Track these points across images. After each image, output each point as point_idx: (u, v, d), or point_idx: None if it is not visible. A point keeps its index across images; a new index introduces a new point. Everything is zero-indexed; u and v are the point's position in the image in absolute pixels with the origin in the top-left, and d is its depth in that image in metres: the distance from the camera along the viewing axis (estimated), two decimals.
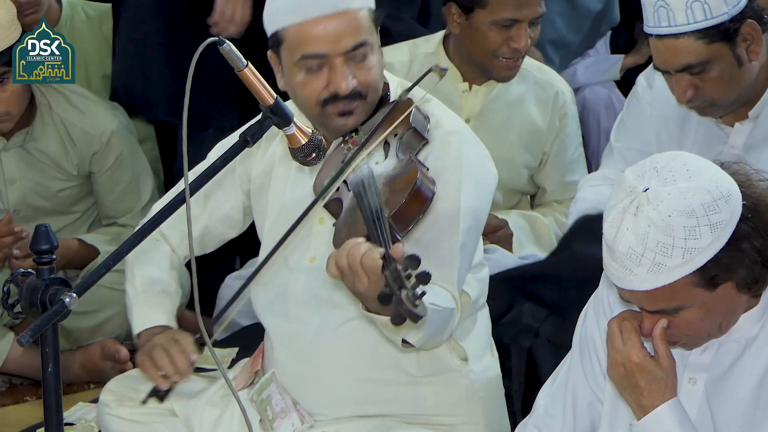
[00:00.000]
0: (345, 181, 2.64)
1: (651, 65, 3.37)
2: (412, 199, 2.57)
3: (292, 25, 2.70)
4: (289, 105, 2.55)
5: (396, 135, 2.69)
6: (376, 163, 2.66)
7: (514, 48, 3.68)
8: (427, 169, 2.67)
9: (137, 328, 2.95)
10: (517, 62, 3.73)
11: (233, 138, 2.87)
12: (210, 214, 3.02)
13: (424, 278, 2.27)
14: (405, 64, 3.82)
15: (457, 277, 2.73)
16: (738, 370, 2.32)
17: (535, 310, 3.33)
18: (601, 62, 5.01)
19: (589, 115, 4.93)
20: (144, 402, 2.93)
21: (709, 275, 2.17)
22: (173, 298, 3.01)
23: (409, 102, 2.74)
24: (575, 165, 3.97)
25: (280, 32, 2.73)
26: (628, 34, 5.05)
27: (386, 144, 2.70)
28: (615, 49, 5.05)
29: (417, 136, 2.70)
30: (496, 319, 3.27)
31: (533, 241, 3.86)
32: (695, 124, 3.25)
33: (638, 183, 2.19)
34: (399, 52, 3.86)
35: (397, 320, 2.28)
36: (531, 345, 3.24)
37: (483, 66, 3.77)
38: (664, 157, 2.23)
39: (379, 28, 2.78)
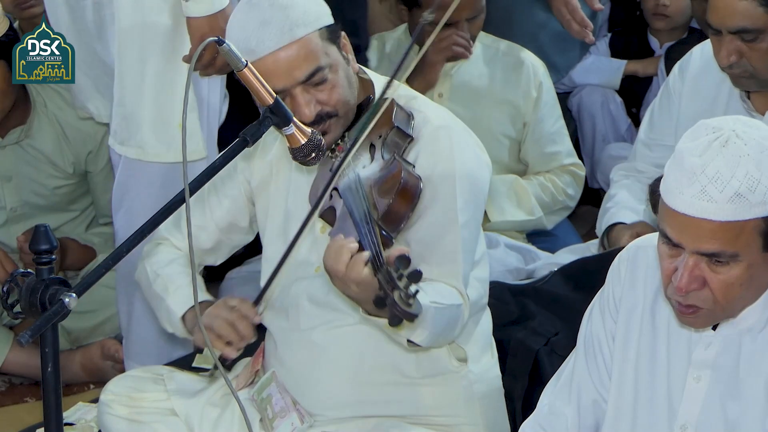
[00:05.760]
0: (336, 189, 2.65)
1: (688, 53, 3.37)
2: (399, 198, 2.59)
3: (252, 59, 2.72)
4: None
5: (380, 136, 2.71)
6: (363, 167, 2.67)
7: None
8: (414, 167, 2.68)
9: (179, 311, 2.91)
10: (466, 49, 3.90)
11: None
12: (218, 225, 3.02)
13: (416, 276, 2.28)
14: (376, 48, 4.05)
15: (462, 272, 2.74)
16: (747, 365, 2.31)
17: (552, 320, 3.33)
18: (601, 63, 5.00)
19: (584, 117, 4.94)
20: (211, 374, 2.89)
21: None
22: (201, 285, 2.99)
23: (390, 101, 2.75)
24: (556, 136, 4.06)
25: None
26: (627, 39, 5.05)
27: (372, 146, 2.71)
28: (614, 52, 5.05)
29: (401, 135, 2.71)
30: (505, 324, 3.28)
31: (515, 204, 3.93)
32: (723, 113, 3.23)
33: (722, 125, 2.18)
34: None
35: (394, 321, 2.30)
36: (539, 349, 3.24)
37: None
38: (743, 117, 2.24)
39: (339, 40, 2.76)
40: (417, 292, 2.28)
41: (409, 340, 2.66)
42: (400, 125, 2.72)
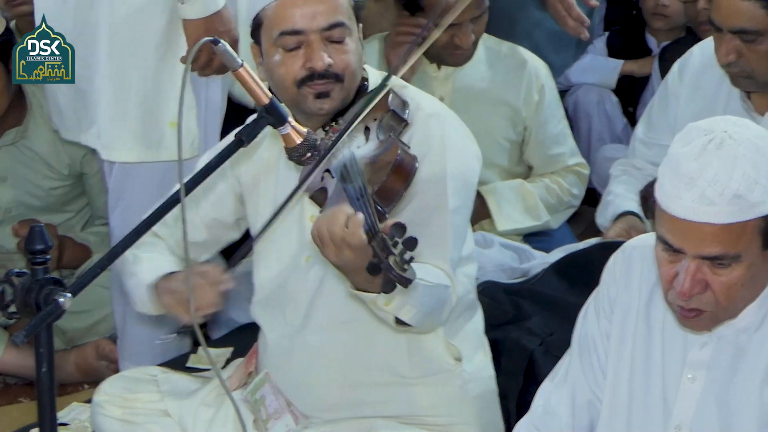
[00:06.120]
0: (328, 170, 2.65)
1: (687, 52, 3.37)
2: (395, 175, 2.59)
3: (271, 4, 2.75)
4: None
5: (375, 119, 2.72)
6: (358, 147, 2.68)
7: (457, 45, 3.90)
8: (409, 147, 2.69)
9: (150, 279, 2.81)
10: (465, 51, 3.93)
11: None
12: (202, 220, 3.00)
13: (411, 244, 2.28)
14: (377, 50, 4.05)
15: (450, 257, 2.74)
16: (742, 365, 2.31)
17: (547, 320, 3.32)
18: (598, 63, 5.00)
19: (580, 116, 4.94)
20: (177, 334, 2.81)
21: None
22: (178, 261, 2.89)
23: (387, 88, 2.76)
24: (560, 137, 4.06)
25: (260, 13, 2.77)
26: (625, 38, 5.04)
27: (367, 129, 2.72)
28: (611, 51, 5.05)
29: (396, 118, 2.72)
30: (500, 323, 3.27)
31: (523, 211, 3.93)
32: (722, 112, 3.23)
33: (713, 127, 2.18)
34: (370, 42, 4.06)
35: (388, 287, 2.29)
36: (534, 349, 3.24)
37: (437, 56, 3.96)
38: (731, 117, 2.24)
39: (359, 23, 2.80)
40: (412, 258, 2.28)
41: (397, 321, 2.64)
42: (396, 109, 2.73)
